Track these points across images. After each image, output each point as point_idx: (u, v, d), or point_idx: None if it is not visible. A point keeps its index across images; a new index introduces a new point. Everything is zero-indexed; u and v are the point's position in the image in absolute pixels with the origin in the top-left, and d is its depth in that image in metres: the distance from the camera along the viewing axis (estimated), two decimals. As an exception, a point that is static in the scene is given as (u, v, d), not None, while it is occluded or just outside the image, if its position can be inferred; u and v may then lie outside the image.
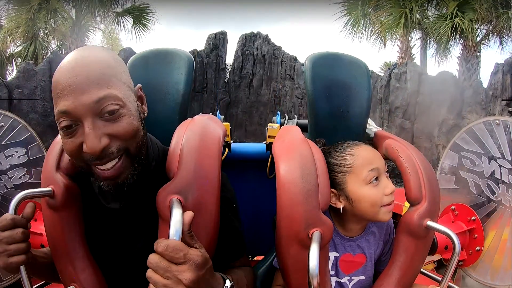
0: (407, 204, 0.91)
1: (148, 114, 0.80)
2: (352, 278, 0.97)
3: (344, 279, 0.96)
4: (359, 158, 0.88)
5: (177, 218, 0.61)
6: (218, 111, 1.31)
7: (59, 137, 0.77)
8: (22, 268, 0.69)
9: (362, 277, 0.97)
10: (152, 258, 0.57)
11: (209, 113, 1.00)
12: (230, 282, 0.69)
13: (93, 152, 0.62)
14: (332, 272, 0.95)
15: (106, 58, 0.68)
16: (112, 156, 0.66)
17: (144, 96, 0.78)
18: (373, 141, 1.11)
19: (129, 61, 1.06)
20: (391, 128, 3.09)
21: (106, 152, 0.64)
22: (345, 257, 0.96)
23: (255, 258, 1.46)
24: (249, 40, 7.34)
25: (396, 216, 0.95)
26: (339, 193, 0.90)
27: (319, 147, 0.96)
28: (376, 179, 0.86)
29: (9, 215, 0.67)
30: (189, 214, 0.62)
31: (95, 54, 0.67)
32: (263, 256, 1.14)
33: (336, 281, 0.96)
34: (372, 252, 0.98)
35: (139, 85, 0.77)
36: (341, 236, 0.96)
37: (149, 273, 0.57)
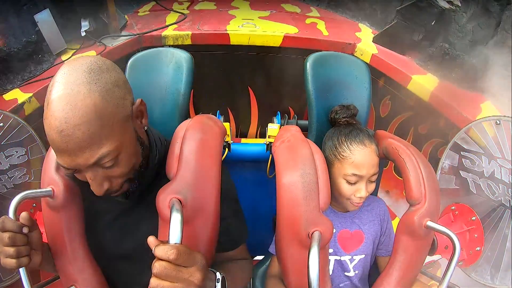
0: None
1: (148, 114, 0.79)
2: (354, 257, 0.98)
3: (345, 258, 0.98)
4: (352, 158, 0.89)
5: (177, 220, 0.60)
6: (218, 111, 1.31)
7: None
8: (21, 269, 0.69)
9: (363, 256, 0.99)
10: (159, 265, 0.55)
11: None
12: (221, 274, 0.70)
13: (98, 195, 0.68)
14: (331, 251, 0.96)
15: (94, 107, 0.59)
16: (115, 190, 0.71)
17: (144, 109, 0.72)
18: None
19: (129, 61, 1.06)
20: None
21: (109, 191, 0.69)
22: (343, 233, 0.98)
23: (255, 258, 1.46)
24: None
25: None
26: None
27: (346, 115, 0.98)
28: (355, 182, 0.90)
29: (3, 217, 0.66)
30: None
31: (82, 102, 0.58)
32: (263, 256, 1.14)
33: (336, 259, 0.97)
34: (369, 229, 0.99)
35: (139, 100, 0.70)
36: (334, 212, 0.99)
37: (155, 282, 0.55)
